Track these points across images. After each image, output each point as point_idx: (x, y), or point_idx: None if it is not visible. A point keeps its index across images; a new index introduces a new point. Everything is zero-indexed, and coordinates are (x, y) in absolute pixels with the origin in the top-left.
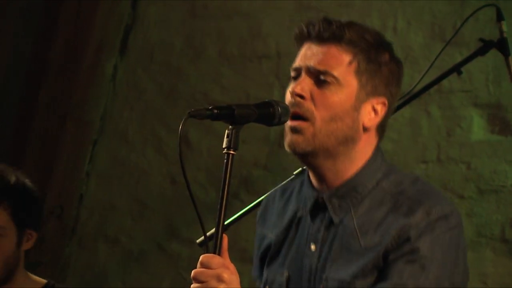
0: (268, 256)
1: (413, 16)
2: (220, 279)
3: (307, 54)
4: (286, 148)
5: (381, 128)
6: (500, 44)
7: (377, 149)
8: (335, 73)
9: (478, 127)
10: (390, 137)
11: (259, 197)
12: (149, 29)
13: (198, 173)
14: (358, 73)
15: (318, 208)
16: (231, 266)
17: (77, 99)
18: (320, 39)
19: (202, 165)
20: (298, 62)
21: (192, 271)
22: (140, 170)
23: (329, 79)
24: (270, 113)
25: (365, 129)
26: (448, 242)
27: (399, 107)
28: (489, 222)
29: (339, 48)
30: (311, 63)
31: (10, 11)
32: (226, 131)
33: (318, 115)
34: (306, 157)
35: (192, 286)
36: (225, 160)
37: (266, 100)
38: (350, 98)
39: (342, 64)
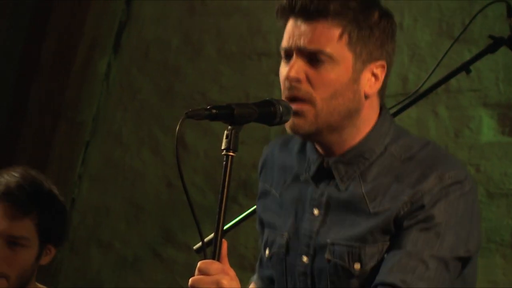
0: (269, 213)
1: (420, 12)
2: (219, 286)
3: (295, 33)
4: (288, 130)
5: (382, 90)
6: (511, 41)
7: (384, 113)
8: (328, 50)
9: (487, 128)
10: None
11: None
12: (144, 26)
13: (195, 175)
14: (351, 44)
15: (323, 173)
16: (231, 272)
17: (69, 99)
18: (305, 15)
19: (199, 167)
20: (286, 41)
21: (190, 279)
22: (135, 172)
23: (322, 57)
24: (271, 112)
25: (367, 97)
26: (462, 208)
27: (405, 108)
28: (499, 227)
29: (327, 23)
30: (301, 43)
31: (0, 8)
32: (225, 131)
33: (318, 95)
34: (310, 136)
35: None
36: (224, 162)
37: (267, 98)
38: (347, 72)
39: (333, 39)
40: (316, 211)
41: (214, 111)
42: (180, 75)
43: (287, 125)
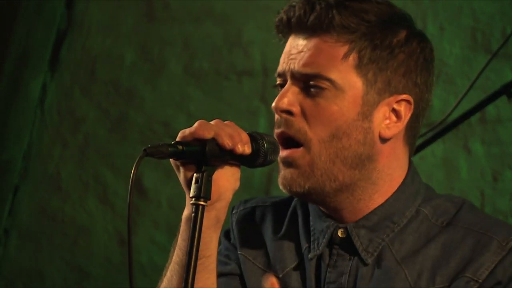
0: None
1: (448, 18)
2: None
3: (291, 53)
4: (281, 188)
5: (411, 133)
6: None
7: (413, 167)
8: (330, 74)
9: None
10: None
11: None
12: (90, 36)
13: (156, 231)
14: (360, 67)
15: (338, 244)
16: None
17: None
18: (304, 29)
19: (161, 220)
20: (281, 64)
21: None
22: (78, 226)
23: (321, 84)
24: (252, 150)
25: (385, 140)
26: None
27: (428, 142)
28: None
29: (330, 39)
30: (295, 66)
31: None
32: (195, 174)
33: (314, 135)
34: (310, 195)
35: None
36: (193, 214)
37: (248, 132)
38: (355, 104)
39: (336, 59)
40: None
41: (180, 147)
42: (136, 99)
43: (279, 181)
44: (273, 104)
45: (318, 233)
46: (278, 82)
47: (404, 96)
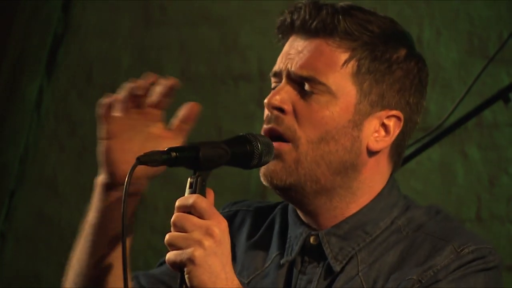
0: None
1: (445, 23)
2: (208, 232)
3: (290, 53)
4: (262, 179)
5: (396, 151)
6: None
7: (392, 180)
8: (325, 79)
9: None
10: (413, 187)
11: None
12: (87, 40)
13: (153, 236)
14: (357, 76)
15: (310, 253)
16: (224, 223)
17: None
18: (307, 31)
19: (158, 225)
20: (278, 64)
21: (174, 215)
22: (74, 230)
23: (316, 88)
24: (247, 152)
25: (371, 153)
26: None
27: (425, 147)
28: None
29: (331, 44)
30: (293, 66)
31: None
32: (189, 179)
33: (303, 135)
34: (289, 192)
35: (169, 234)
36: None
37: (241, 134)
38: (347, 111)
39: (335, 65)
40: None
41: (173, 154)
42: None
43: (261, 173)
44: (266, 100)
45: (293, 239)
46: (273, 85)
47: (395, 112)
